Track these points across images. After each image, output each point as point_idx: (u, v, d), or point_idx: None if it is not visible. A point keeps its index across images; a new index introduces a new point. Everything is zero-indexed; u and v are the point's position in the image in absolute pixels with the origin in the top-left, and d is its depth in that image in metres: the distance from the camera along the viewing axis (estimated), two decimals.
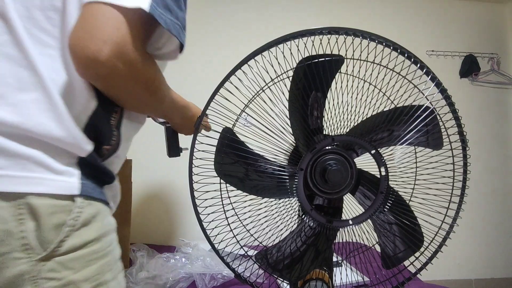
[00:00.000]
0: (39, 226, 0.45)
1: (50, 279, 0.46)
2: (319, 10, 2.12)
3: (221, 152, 0.75)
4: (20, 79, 0.47)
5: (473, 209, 2.19)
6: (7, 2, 0.48)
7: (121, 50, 0.46)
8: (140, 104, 0.59)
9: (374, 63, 0.74)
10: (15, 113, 0.46)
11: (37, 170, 0.47)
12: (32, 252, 0.45)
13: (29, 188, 0.45)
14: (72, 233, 0.48)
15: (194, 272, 1.22)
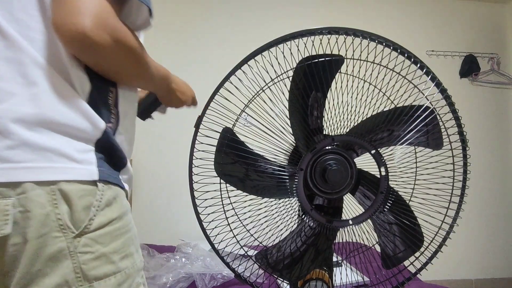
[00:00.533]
0: (71, 208, 0.53)
1: (85, 252, 0.53)
2: (319, 10, 2.12)
3: (221, 152, 0.76)
4: (25, 75, 0.53)
5: (473, 209, 2.19)
6: None
7: (101, 20, 0.50)
8: (130, 74, 0.63)
9: (374, 63, 0.74)
10: (33, 107, 0.52)
11: (61, 160, 0.53)
12: (67, 231, 0.52)
13: (60, 176, 0.52)
14: (98, 212, 0.55)
15: (194, 272, 1.22)
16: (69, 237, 0.52)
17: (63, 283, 0.52)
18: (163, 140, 1.89)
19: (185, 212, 1.92)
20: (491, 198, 2.25)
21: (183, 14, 2.01)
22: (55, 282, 0.52)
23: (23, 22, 0.54)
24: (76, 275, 0.53)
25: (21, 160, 0.51)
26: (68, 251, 0.52)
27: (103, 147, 0.58)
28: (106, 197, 0.57)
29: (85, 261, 0.53)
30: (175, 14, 2.00)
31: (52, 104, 0.53)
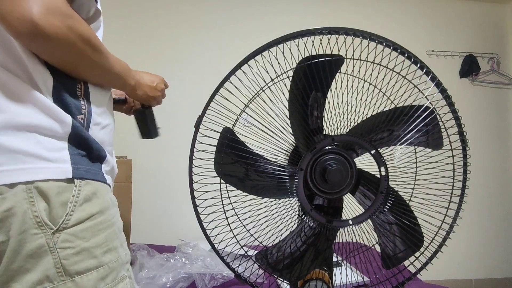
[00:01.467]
0: (49, 205, 0.53)
1: (65, 248, 0.54)
2: (319, 10, 2.12)
3: (221, 152, 0.76)
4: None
5: (473, 209, 2.19)
6: None
7: (48, 6, 0.48)
8: (88, 64, 0.59)
9: (374, 63, 0.74)
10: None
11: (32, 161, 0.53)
12: (45, 228, 0.53)
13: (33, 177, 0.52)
14: (76, 208, 0.55)
15: (194, 272, 1.22)
16: (47, 233, 0.53)
17: (44, 278, 0.53)
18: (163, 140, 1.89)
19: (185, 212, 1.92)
20: (491, 198, 2.25)
21: (182, 14, 2.01)
22: (36, 277, 0.52)
23: None
24: (57, 270, 0.53)
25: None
26: (48, 247, 0.53)
27: (77, 142, 0.57)
28: (84, 193, 0.56)
29: (66, 256, 0.54)
30: (175, 14, 2.00)
31: (12, 106, 0.51)
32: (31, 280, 0.52)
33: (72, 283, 0.54)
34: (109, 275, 0.58)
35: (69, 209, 0.54)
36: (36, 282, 0.53)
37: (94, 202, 0.58)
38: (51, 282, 0.53)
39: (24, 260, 0.52)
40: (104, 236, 0.59)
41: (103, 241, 0.58)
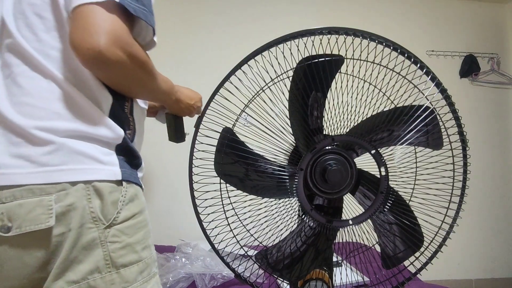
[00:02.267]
0: (102, 202, 0.60)
1: (114, 242, 0.60)
2: (319, 10, 2.12)
3: (221, 152, 0.76)
4: (52, 92, 0.60)
5: (473, 209, 2.19)
6: (17, 36, 0.61)
7: (115, 38, 0.56)
8: (141, 86, 0.69)
9: (374, 63, 0.74)
10: (60, 119, 0.59)
11: (90, 162, 0.60)
12: (99, 223, 0.59)
13: (91, 177, 0.60)
14: (123, 207, 0.62)
15: (194, 272, 1.22)
16: (100, 228, 0.59)
17: (94, 269, 0.59)
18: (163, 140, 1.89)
19: (185, 212, 1.92)
20: (491, 198, 2.25)
21: (182, 14, 2.01)
22: (88, 268, 0.58)
23: (47, 43, 0.61)
24: (105, 261, 0.59)
25: (58, 163, 0.58)
26: (99, 241, 0.59)
27: (122, 150, 0.65)
28: (129, 194, 0.64)
29: (114, 249, 0.60)
30: (174, 14, 2.00)
31: (77, 117, 0.60)
32: (84, 270, 0.58)
33: (117, 274, 0.60)
34: (145, 270, 0.65)
35: (119, 208, 0.62)
36: (87, 272, 0.58)
37: (136, 203, 0.65)
38: (100, 272, 0.59)
39: (79, 251, 0.58)
40: (143, 233, 0.65)
41: (142, 238, 0.65)
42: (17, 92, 0.60)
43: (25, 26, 0.62)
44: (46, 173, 0.57)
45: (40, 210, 0.56)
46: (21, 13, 0.63)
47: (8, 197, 0.56)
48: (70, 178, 0.58)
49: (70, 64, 0.61)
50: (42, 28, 0.61)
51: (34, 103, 0.60)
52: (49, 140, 0.58)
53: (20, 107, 0.60)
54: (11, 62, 0.62)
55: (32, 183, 0.57)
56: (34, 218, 0.56)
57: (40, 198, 0.56)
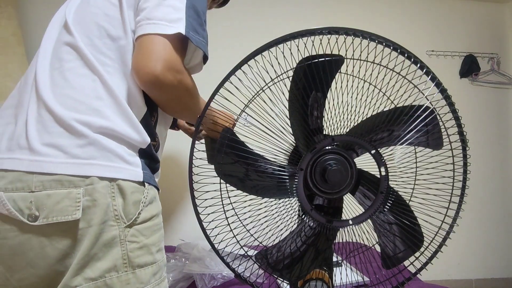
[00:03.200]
0: (125, 202, 0.61)
1: (132, 242, 0.62)
2: (319, 10, 2.12)
3: (221, 152, 0.75)
4: (95, 90, 0.64)
5: (473, 209, 2.19)
6: (76, 36, 0.67)
7: (169, 65, 0.64)
8: (185, 108, 0.76)
9: (374, 63, 0.74)
10: (97, 116, 0.62)
11: (117, 161, 0.63)
12: (120, 221, 0.60)
13: (117, 175, 0.62)
14: (144, 208, 0.64)
15: (194, 272, 1.22)
16: (121, 226, 0.61)
17: (112, 267, 0.59)
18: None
19: (185, 212, 1.92)
20: (491, 198, 2.25)
21: None
22: (106, 266, 0.59)
23: (98, 48, 0.67)
24: (123, 261, 0.60)
25: (88, 157, 0.60)
26: (119, 239, 0.60)
27: (144, 154, 0.69)
28: (150, 196, 0.66)
29: (132, 249, 0.61)
30: None
31: (112, 117, 0.64)
32: (102, 268, 0.59)
33: (133, 274, 0.61)
34: (158, 272, 0.66)
35: (140, 208, 0.64)
36: (105, 270, 0.59)
37: (154, 205, 0.68)
38: (117, 271, 0.60)
39: (100, 248, 0.59)
40: (158, 236, 0.67)
41: (157, 241, 0.67)
42: (62, 84, 0.64)
43: (81, 29, 0.68)
44: (76, 165, 0.59)
45: (68, 202, 0.57)
46: (80, 17, 0.70)
47: (38, 186, 0.57)
48: (98, 173, 0.60)
49: (116, 71, 0.67)
50: (97, 35, 0.67)
51: (76, 97, 0.63)
52: (83, 133, 0.60)
53: (62, 98, 0.63)
54: (64, 57, 0.66)
55: (62, 173, 0.58)
56: (62, 209, 0.57)
57: (68, 190, 0.58)
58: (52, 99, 0.62)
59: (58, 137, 0.60)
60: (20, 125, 0.62)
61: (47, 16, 1.85)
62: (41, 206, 0.57)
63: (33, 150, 0.59)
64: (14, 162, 0.59)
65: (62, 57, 0.66)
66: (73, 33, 0.67)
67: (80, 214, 0.57)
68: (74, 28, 0.68)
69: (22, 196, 0.57)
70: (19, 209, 0.57)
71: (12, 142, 0.61)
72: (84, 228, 0.58)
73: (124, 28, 0.67)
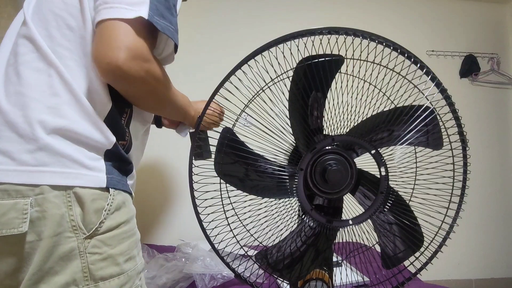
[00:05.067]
0: (84, 211, 0.56)
1: (94, 253, 0.56)
2: (319, 10, 2.12)
3: (221, 152, 0.75)
4: (51, 86, 0.58)
5: (473, 209, 2.19)
6: (32, 27, 0.60)
7: (133, 53, 0.56)
8: (157, 101, 0.68)
9: (374, 63, 0.74)
10: (53, 115, 0.56)
11: (74, 166, 0.57)
12: (79, 232, 0.55)
13: (73, 182, 0.56)
14: (108, 216, 0.59)
15: (194, 272, 1.22)
16: (80, 237, 0.55)
17: (71, 281, 0.55)
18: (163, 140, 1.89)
19: (185, 212, 1.92)
20: (491, 198, 2.24)
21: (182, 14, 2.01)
22: (64, 280, 0.54)
23: (56, 39, 0.60)
24: (84, 274, 0.55)
25: (39, 163, 0.55)
26: (78, 251, 0.55)
27: (112, 156, 0.62)
28: (116, 202, 0.60)
29: (93, 261, 0.56)
30: None
31: (71, 115, 0.58)
32: (59, 282, 0.54)
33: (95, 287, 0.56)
34: (127, 283, 0.61)
35: (102, 217, 0.58)
36: (63, 284, 0.54)
37: (123, 212, 0.62)
38: (77, 285, 0.55)
39: (56, 261, 0.54)
40: (127, 244, 0.62)
41: (126, 249, 0.61)
42: (15, 81, 0.58)
43: (39, 20, 0.61)
44: (25, 172, 0.54)
45: (14, 213, 0.53)
46: (38, 7, 0.63)
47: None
48: (50, 181, 0.55)
49: (76, 64, 0.60)
50: (54, 25, 0.60)
51: (29, 95, 0.57)
52: (33, 137, 0.55)
53: (15, 97, 0.57)
54: (19, 51, 0.60)
55: (9, 181, 0.53)
56: (7, 222, 0.52)
57: (15, 201, 0.53)
58: (4, 99, 0.57)
59: (6, 142, 0.55)
60: None
61: None
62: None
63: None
64: None
65: (18, 51, 0.60)
66: (29, 24, 0.60)
67: (27, 227, 0.52)
68: (31, 19, 0.61)
69: None
70: None
71: None
72: (33, 241, 0.53)
73: (83, 16, 0.60)
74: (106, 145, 0.61)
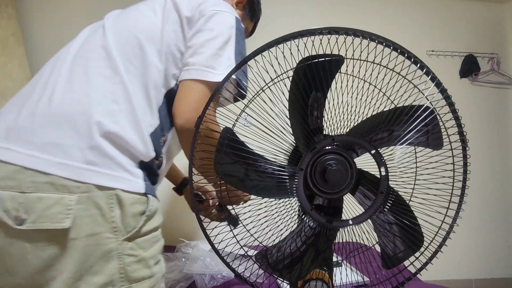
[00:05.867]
0: (123, 213, 0.58)
1: (130, 255, 0.59)
2: (319, 10, 2.12)
3: (221, 152, 0.75)
4: (113, 93, 0.63)
5: (473, 209, 2.19)
6: (110, 38, 0.68)
7: (207, 123, 0.65)
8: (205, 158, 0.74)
9: (374, 63, 0.74)
10: (109, 119, 0.61)
11: (119, 170, 0.60)
12: (118, 234, 0.58)
13: (117, 185, 0.59)
14: (148, 221, 0.62)
15: (194, 272, 1.22)
16: (119, 239, 0.58)
17: (109, 282, 0.56)
18: None
19: (185, 212, 1.92)
20: (491, 198, 2.25)
21: None
22: (103, 280, 0.56)
23: (126, 55, 0.67)
24: (120, 275, 0.58)
25: (88, 162, 0.57)
26: (117, 252, 0.57)
27: (144, 166, 0.68)
28: (153, 208, 0.64)
29: (129, 263, 0.58)
30: None
31: (124, 124, 0.63)
32: (98, 283, 0.55)
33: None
34: (155, 285, 0.64)
35: (142, 221, 0.61)
36: (102, 285, 0.56)
37: (156, 217, 0.66)
38: (113, 286, 0.57)
39: (95, 261, 0.55)
40: (156, 248, 0.65)
41: (155, 253, 0.64)
42: (83, 82, 0.62)
43: (116, 33, 0.69)
44: (74, 168, 0.56)
45: (59, 208, 0.54)
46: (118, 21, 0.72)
47: (29, 187, 0.53)
48: (96, 181, 0.57)
49: (138, 80, 0.67)
50: (129, 43, 0.69)
51: (94, 97, 0.61)
52: (89, 135, 0.58)
53: (79, 95, 0.61)
54: (91, 56, 0.66)
55: (57, 174, 0.55)
56: (51, 215, 0.53)
57: (61, 196, 0.54)
58: (68, 94, 0.60)
59: (63, 135, 0.57)
60: (24, 117, 0.59)
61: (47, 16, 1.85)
62: (30, 210, 0.52)
63: (32, 144, 0.56)
64: (10, 154, 0.55)
65: (89, 56, 0.66)
66: (107, 36, 0.68)
67: (70, 223, 0.53)
68: (109, 31, 0.69)
69: (11, 196, 0.53)
70: (6, 210, 0.52)
71: (11, 132, 0.57)
72: (74, 238, 0.54)
73: (160, 43, 0.69)
74: (145, 157, 0.66)
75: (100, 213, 0.56)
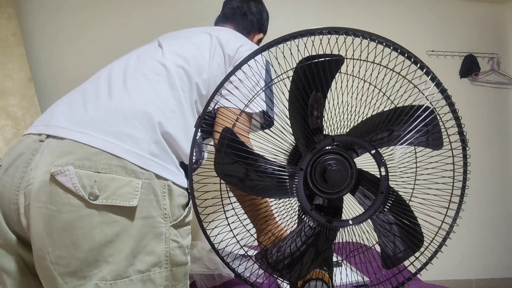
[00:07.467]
0: (171, 203, 0.67)
1: (174, 241, 0.67)
2: (319, 10, 2.12)
3: (221, 152, 0.75)
4: (171, 104, 0.74)
5: (473, 209, 2.19)
6: (168, 59, 0.79)
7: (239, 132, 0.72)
8: None
9: (374, 63, 0.74)
10: (167, 122, 0.71)
11: (171, 164, 0.70)
12: (167, 220, 0.66)
13: (171, 177, 0.69)
14: (189, 212, 0.72)
15: (194, 272, 1.22)
16: (168, 225, 0.66)
17: (157, 262, 0.64)
18: None
19: None
20: (491, 198, 2.25)
21: (181, 13, 2.01)
22: (153, 260, 0.63)
23: (181, 77, 0.78)
24: (165, 258, 0.65)
25: (151, 154, 0.67)
26: (165, 237, 0.65)
27: (183, 167, 0.76)
28: (190, 202, 0.72)
29: (173, 247, 0.66)
30: (175, 13, 2.00)
31: (177, 128, 0.73)
32: (149, 262, 0.63)
33: (171, 272, 0.66)
34: (187, 273, 0.71)
35: (186, 211, 0.70)
36: (151, 264, 0.63)
37: (191, 213, 0.73)
38: (160, 267, 0.64)
39: (149, 241, 0.63)
40: (189, 239, 0.73)
41: (188, 243, 0.72)
42: (147, 90, 0.72)
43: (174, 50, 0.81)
44: (141, 157, 0.65)
45: (129, 189, 0.61)
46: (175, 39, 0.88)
47: (104, 168, 0.61)
48: (157, 171, 0.66)
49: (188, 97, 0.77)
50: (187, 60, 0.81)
51: (157, 102, 0.71)
52: (153, 131, 0.67)
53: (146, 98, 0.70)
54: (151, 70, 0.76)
55: (128, 159, 0.63)
56: (122, 194, 0.61)
57: (130, 179, 0.62)
58: (135, 95, 0.69)
59: (133, 129, 0.66)
60: (94, 110, 0.67)
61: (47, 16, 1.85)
62: (104, 187, 0.60)
63: (108, 132, 0.64)
64: (88, 138, 0.63)
65: (150, 69, 0.76)
66: (166, 56, 0.79)
67: (137, 202, 0.61)
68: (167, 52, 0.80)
69: (88, 174, 0.60)
70: (83, 186, 0.59)
71: (83, 122, 0.65)
72: (136, 218, 0.62)
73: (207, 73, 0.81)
74: (186, 160, 0.73)
75: (156, 199, 0.64)
